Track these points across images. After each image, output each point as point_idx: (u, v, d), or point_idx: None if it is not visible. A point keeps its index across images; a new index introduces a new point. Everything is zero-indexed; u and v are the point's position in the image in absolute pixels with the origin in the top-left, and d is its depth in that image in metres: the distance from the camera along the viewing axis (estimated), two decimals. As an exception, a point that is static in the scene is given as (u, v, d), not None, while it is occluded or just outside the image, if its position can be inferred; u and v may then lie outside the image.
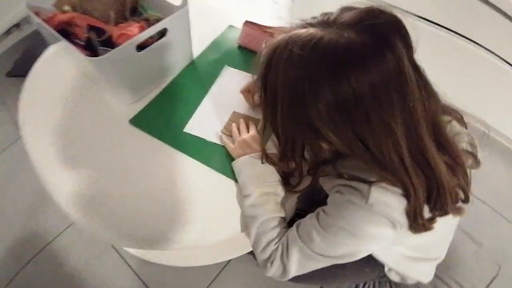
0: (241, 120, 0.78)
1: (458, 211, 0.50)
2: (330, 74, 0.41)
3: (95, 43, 0.74)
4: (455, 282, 0.93)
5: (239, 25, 1.03)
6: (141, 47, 0.73)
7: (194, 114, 0.81)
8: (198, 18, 0.81)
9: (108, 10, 0.79)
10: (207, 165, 0.73)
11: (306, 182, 0.62)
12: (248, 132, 0.74)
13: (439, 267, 0.80)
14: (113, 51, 0.67)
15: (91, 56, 0.67)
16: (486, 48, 1.10)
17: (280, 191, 0.65)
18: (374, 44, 0.41)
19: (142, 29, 0.79)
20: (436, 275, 0.87)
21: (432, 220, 0.49)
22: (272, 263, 0.58)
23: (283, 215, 0.64)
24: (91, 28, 0.76)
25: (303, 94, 0.44)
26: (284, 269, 0.57)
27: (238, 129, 0.76)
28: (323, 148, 0.53)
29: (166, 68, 0.87)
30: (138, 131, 0.78)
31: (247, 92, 0.80)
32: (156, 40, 0.78)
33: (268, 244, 0.60)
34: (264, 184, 0.64)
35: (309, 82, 0.43)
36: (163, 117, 0.81)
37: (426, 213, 0.48)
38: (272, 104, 0.49)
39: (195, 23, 0.83)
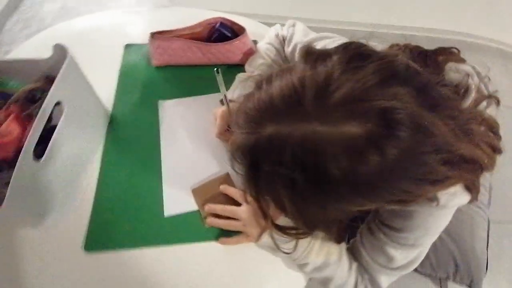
0: (219, 192, 0.58)
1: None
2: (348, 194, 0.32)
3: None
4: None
5: (137, 39, 0.78)
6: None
7: (164, 191, 0.58)
8: (78, 53, 0.54)
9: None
10: (211, 240, 0.54)
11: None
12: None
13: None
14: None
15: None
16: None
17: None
18: (379, 127, 0.29)
19: (19, 121, 0.51)
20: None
21: None
22: None
23: (340, 248, 0.52)
24: None
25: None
26: None
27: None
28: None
29: (85, 152, 0.60)
30: (103, 254, 0.54)
31: (225, 133, 0.61)
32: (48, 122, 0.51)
33: None
34: (313, 243, 0.49)
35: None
36: (125, 218, 0.56)
37: None
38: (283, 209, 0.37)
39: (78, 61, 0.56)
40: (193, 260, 0.53)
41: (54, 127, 0.52)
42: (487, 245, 0.92)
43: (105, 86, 0.69)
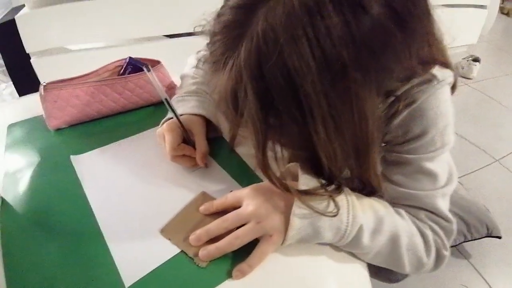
0: (201, 218, 0.41)
1: None
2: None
3: None
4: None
5: (22, 116, 0.60)
6: None
7: (115, 257, 0.37)
8: None
9: None
10: (221, 282, 0.35)
11: None
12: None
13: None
14: None
15: None
16: None
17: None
18: None
19: None
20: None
21: None
22: (445, 247, 0.41)
23: (378, 200, 0.41)
24: None
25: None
26: (451, 232, 0.42)
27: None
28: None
29: None
30: None
31: (179, 150, 0.47)
32: None
33: (426, 241, 0.40)
34: (350, 197, 0.37)
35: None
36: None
37: None
38: (305, 130, 0.30)
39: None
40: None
41: None
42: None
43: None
